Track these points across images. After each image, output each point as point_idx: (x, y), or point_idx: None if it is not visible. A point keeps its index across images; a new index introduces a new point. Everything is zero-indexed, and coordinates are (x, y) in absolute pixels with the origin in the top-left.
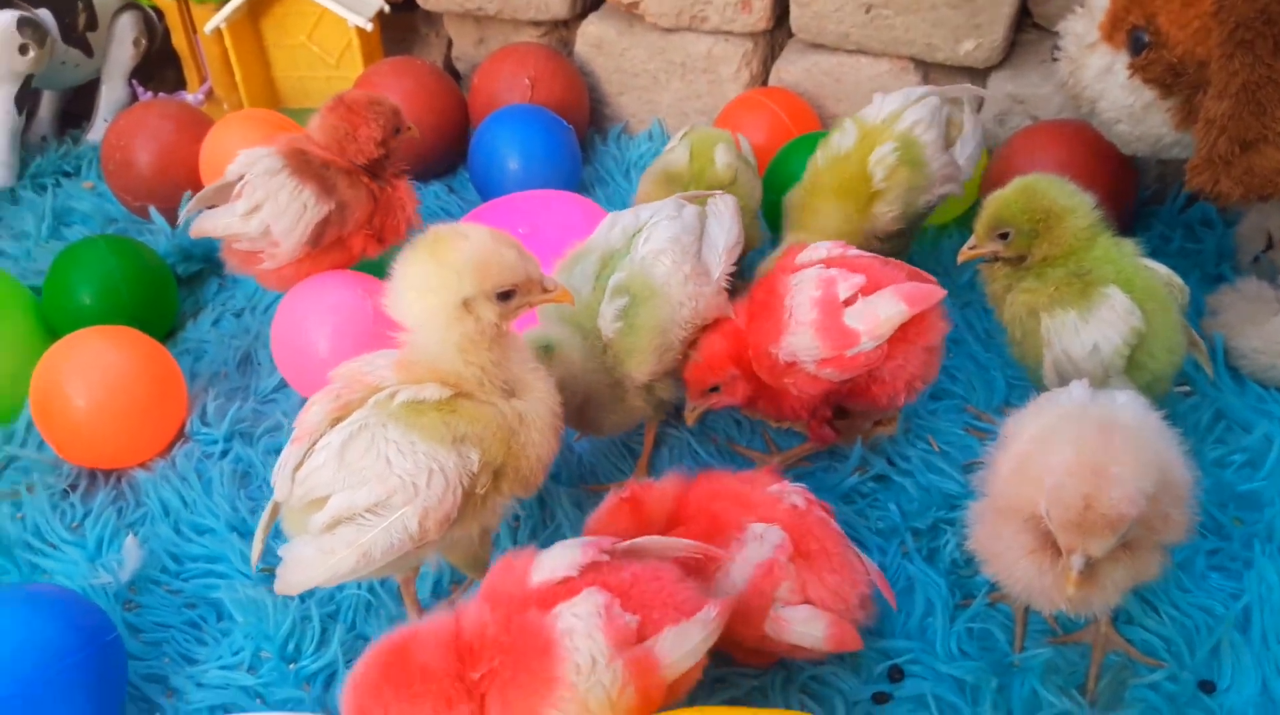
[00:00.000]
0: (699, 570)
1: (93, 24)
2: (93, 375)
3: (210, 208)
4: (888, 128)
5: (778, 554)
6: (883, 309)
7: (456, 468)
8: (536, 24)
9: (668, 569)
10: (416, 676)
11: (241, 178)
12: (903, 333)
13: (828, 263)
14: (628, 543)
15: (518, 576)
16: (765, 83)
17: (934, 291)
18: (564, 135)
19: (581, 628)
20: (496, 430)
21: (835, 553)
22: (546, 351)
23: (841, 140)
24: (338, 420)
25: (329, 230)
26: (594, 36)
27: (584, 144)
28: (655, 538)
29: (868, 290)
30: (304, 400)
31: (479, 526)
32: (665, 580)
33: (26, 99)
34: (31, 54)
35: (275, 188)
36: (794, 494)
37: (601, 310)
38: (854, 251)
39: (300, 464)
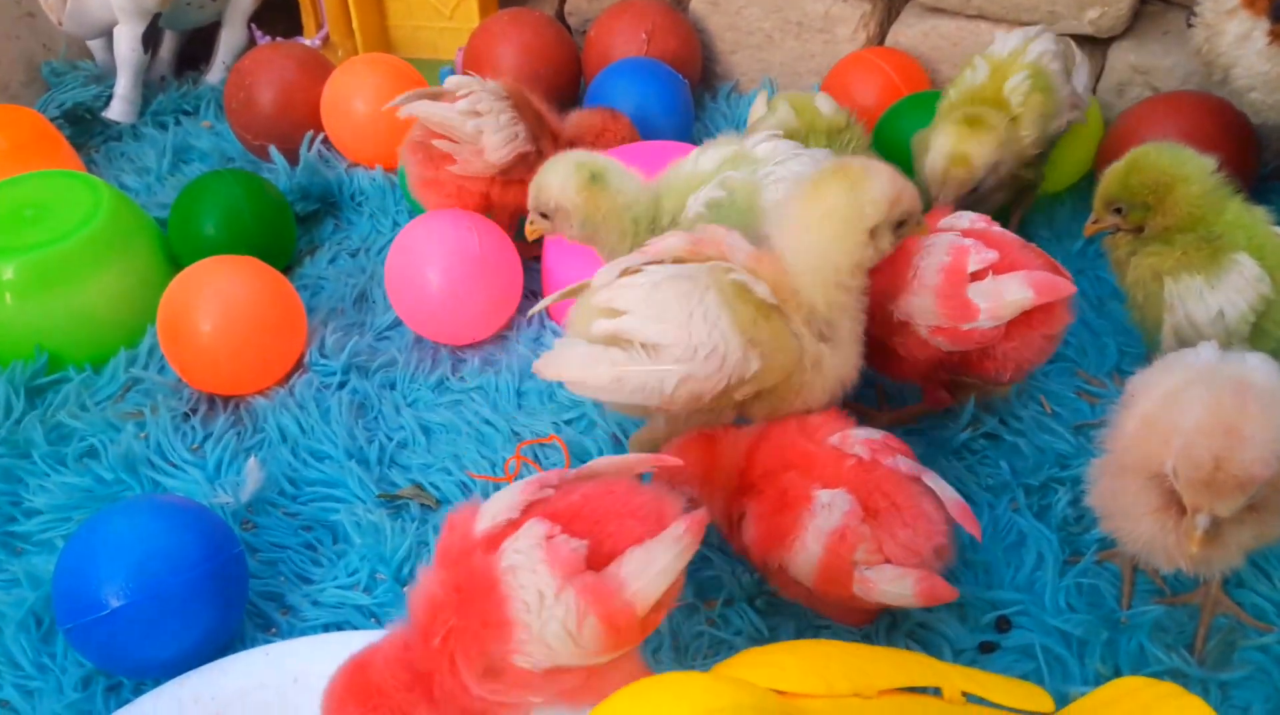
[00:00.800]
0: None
1: None
2: (219, 302)
3: None
4: (1016, 60)
5: (848, 520)
6: (1010, 292)
7: (736, 363)
8: None
9: (621, 482)
10: (373, 692)
11: (460, 90)
12: (1025, 318)
13: (966, 232)
14: (580, 468)
15: (462, 531)
16: (882, 44)
17: (1064, 285)
18: (680, 89)
19: (524, 561)
20: (787, 358)
21: (905, 506)
22: (593, 178)
23: (974, 76)
24: (679, 260)
25: (520, 168)
26: None
27: (694, 101)
28: (611, 458)
29: (999, 269)
30: (418, 337)
31: (704, 419)
32: (618, 492)
33: (151, 38)
34: None
35: (499, 109)
36: (857, 444)
37: (699, 190)
38: (997, 229)
39: (631, 271)
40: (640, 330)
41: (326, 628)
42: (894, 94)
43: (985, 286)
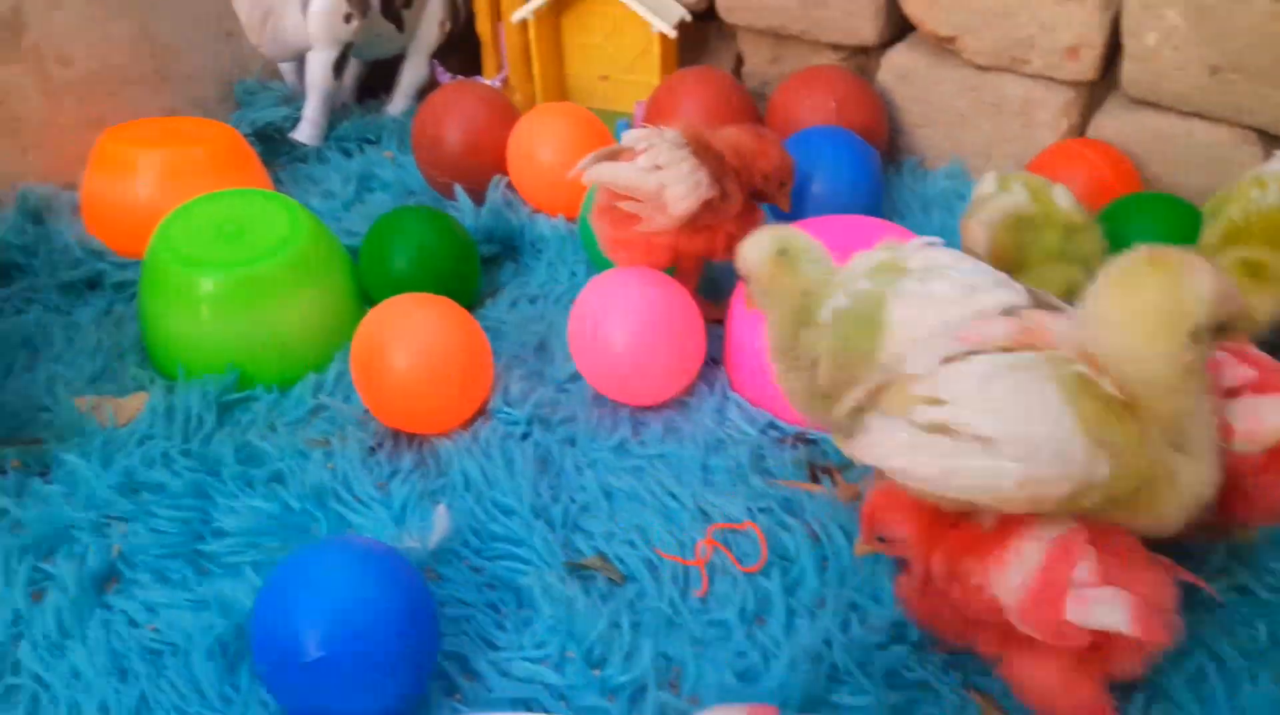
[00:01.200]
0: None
1: (408, 1)
2: (416, 339)
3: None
4: None
5: (1073, 535)
6: (1270, 415)
7: (1081, 466)
8: (838, 48)
9: None
10: None
11: (638, 146)
12: None
13: (1220, 347)
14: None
15: None
16: (1083, 134)
17: None
18: (872, 162)
19: None
20: (1139, 462)
21: (1140, 552)
22: (781, 253)
23: (1263, 196)
24: (1004, 349)
25: (706, 214)
26: (900, 66)
27: None
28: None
29: (1258, 388)
30: (598, 395)
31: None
32: None
33: (340, 65)
34: (354, 23)
35: (678, 159)
36: None
37: (835, 298)
38: (1253, 348)
39: (952, 358)
40: (969, 422)
41: (514, 704)
42: (1104, 190)
43: (1242, 405)
